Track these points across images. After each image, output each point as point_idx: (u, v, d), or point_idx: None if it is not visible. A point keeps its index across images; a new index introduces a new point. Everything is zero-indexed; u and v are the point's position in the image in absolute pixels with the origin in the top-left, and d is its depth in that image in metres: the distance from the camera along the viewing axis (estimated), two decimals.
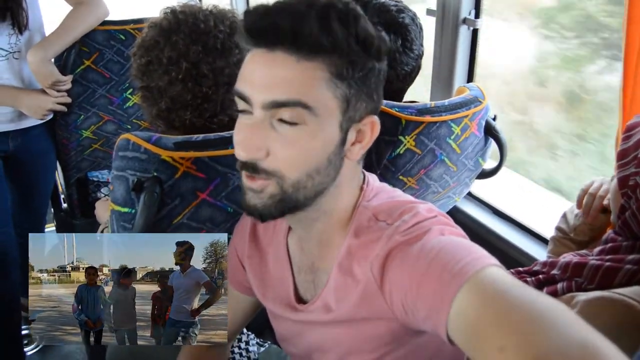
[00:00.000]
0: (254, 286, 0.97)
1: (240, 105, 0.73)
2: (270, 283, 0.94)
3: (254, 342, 1.29)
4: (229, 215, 1.02)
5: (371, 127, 0.77)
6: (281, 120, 0.70)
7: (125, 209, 0.95)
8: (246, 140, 0.71)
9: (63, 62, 1.71)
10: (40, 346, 2.14)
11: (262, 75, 0.70)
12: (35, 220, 2.05)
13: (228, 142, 0.95)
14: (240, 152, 0.72)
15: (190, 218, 0.98)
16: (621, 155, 0.97)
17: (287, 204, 0.74)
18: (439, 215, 0.77)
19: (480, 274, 0.62)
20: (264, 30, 0.69)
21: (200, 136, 0.95)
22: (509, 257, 1.60)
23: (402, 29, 1.24)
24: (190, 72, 1.03)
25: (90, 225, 1.74)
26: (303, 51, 0.69)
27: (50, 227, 2.43)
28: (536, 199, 1.92)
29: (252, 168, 0.72)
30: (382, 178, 1.19)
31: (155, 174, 0.92)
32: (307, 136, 0.71)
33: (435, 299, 0.64)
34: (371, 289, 0.76)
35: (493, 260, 0.65)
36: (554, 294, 0.98)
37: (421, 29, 1.29)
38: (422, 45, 1.29)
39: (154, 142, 0.92)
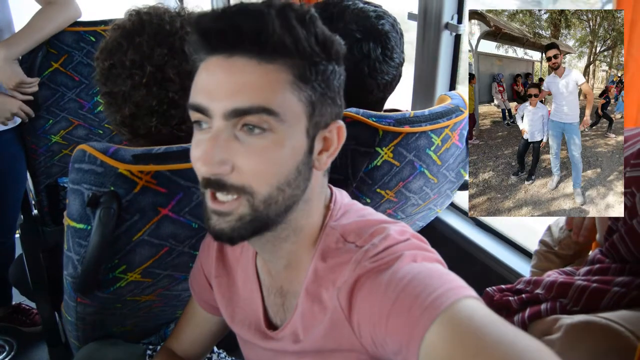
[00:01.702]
0: (222, 307, 0.92)
1: (195, 117, 0.67)
2: (239, 304, 0.88)
3: None
4: (194, 231, 0.96)
5: (338, 133, 0.73)
6: (245, 130, 0.65)
7: (81, 225, 0.89)
8: (207, 154, 0.65)
9: (29, 64, 1.64)
10: (10, 356, 2.08)
11: (220, 83, 0.65)
12: (6, 227, 1.99)
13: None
14: (201, 167, 0.66)
15: (152, 234, 0.92)
16: None
17: (258, 223, 0.68)
18: (412, 238, 0.71)
19: (454, 307, 0.57)
20: (223, 32, 0.64)
21: (162, 148, 0.89)
22: (491, 270, 1.56)
23: (382, 36, 1.18)
24: (154, 75, 0.97)
25: (60, 232, 1.68)
26: (264, 53, 0.64)
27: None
28: None
29: (218, 185, 0.66)
30: (358, 191, 1.15)
31: (112, 188, 0.86)
32: (275, 145, 0.65)
33: (405, 333, 0.60)
34: (338, 319, 0.70)
35: (469, 291, 0.61)
36: (537, 314, 0.94)
37: (401, 35, 1.23)
38: (402, 52, 1.23)
39: (111, 155, 0.86)
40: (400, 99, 1.45)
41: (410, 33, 1.36)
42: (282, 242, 0.75)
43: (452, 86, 1.68)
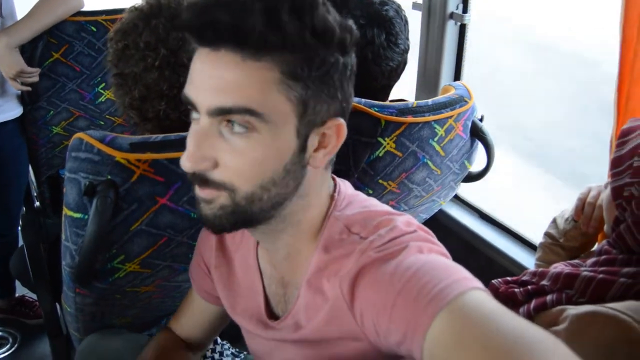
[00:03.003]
0: (223, 298, 0.91)
1: (192, 109, 0.66)
2: (240, 295, 0.87)
3: (229, 352, 1.23)
4: (192, 221, 0.95)
5: (337, 131, 0.69)
6: (229, 129, 0.63)
7: (78, 215, 0.88)
8: (189, 151, 0.64)
9: (30, 54, 1.62)
10: (14, 348, 2.08)
11: (206, 78, 0.63)
12: (9, 219, 1.98)
13: None
14: (185, 162, 0.64)
15: (150, 224, 0.91)
16: (615, 163, 0.91)
17: (240, 217, 0.67)
18: (418, 230, 0.70)
19: (462, 298, 0.56)
20: (203, 27, 0.61)
21: (160, 136, 0.88)
22: (495, 263, 1.54)
23: (386, 22, 1.16)
24: (167, 59, 0.95)
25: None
26: (248, 50, 0.61)
27: None
28: None
29: (201, 180, 0.65)
30: (360, 182, 1.13)
31: (109, 177, 0.85)
32: (259, 145, 0.63)
33: (410, 323, 0.58)
34: (340, 307, 0.69)
35: (476, 282, 0.59)
36: (543, 305, 0.93)
37: (406, 21, 1.22)
38: (407, 39, 1.22)
39: (108, 143, 0.85)
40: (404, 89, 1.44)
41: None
42: (280, 234, 0.74)
43: (457, 76, 1.66)
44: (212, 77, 0.62)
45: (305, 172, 0.69)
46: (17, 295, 2.20)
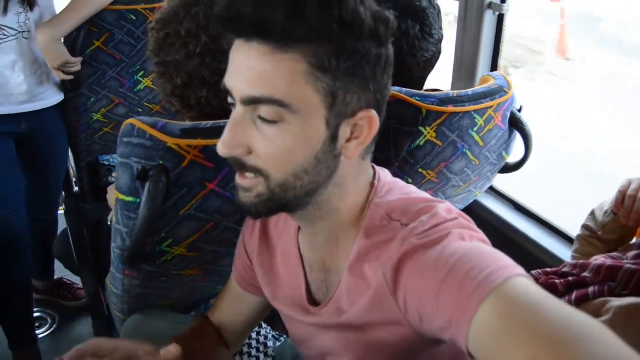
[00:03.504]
0: (264, 285, 0.93)
1: (230, 97, 0.69)
2: (281, 282, 0.89)
3: (270, 335, 1.25)
4: None
5: (369, 122, 0.69)
6: (261, 118, 0.65)
7: (130, 198, 0.90)
8: (224, 138, 0.67)
9: (72, 43, 1.66)
10: (52, 329, 2.14)
11: (240, 68, 0.66)
12: (49, 203, 2.04)
13: None
14: (220, 147, 0.68)
15: (198, 209, 0.93)
16: None
17: (276, 204, 0.70)
18: (459, 218, 0.70)
19: (508, 284, 0.57)
20: (231, 20, 0.64)
21: (209, 123, 0.90)
22: (531, 254, 1.54)
23: (419, 13, 1.16)
24: (209, 46, 0.97)
25: (102, 209, 1.71)
26: (274, 42, 0.62)
27: (62, 210, 2.42)
28: None
29: (238, 164, 0.68)
30: (400, 171, 1.14)
31: (160, 162, 0.87)
32: (288, 135, 0.65)
33: (456, 309, 0.59)
34: (383, 294, 0.70)
35: (521, 270, 0.60)
36: (585, 297, 0.93)
37: (439, 11, 1.21)
38: (441, 28, 1.21)
39: (160, 129, 0.87)
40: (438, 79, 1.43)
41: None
42: (318, 220, 0.76)
43: (494, 67, 1.65)
44: (245, 68, 0.65)
45: (338, 162, 0.70)
46: (55, 277, 2.27)
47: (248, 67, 0.64)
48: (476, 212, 1.70)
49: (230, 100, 0.69)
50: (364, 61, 0.65)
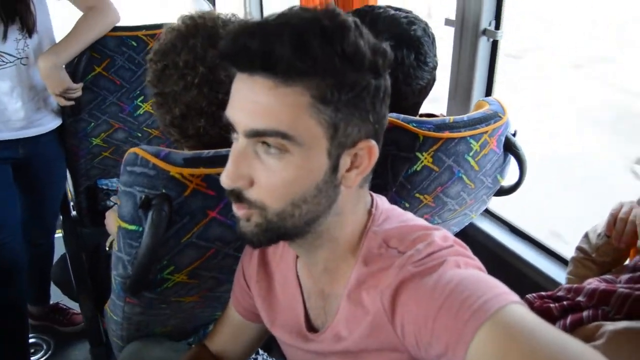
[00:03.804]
0: (262, 312, 0.94)
1: (232, 129, 0.71)
2: (280, 309, 0.90)
3: None
4: None
5: (368, 152, 0.70)
6: (264, 149, 0.67)
7: (133, 227, 0.91)
8: (228, 170, 0.69)
9: (73, 69, 1.69)
10: (48, 355, 2.13)
11: (243, 101, 0.67)
12: (45, 228, 2.04)
13: None
14: (224, 179, 0.69)
15: (199, 237, 0.95)
16: None
17: (275, 233, 0.71)
18: (455, 245, 0.72)
19: (504, 312, 0.58)
20: (236, 55, 0.65)
21: (211, 152, 0.92)
22: (526, 277, 1.55)
23: (414, 42, 1.18)
24: (206, 77, 0.99)
25: (99, 234, 1.72)
26: (279, 76, 0.64)
27: (59, 234, 2.42)
28: None
29: (236, 197, 0.70)
30: (398, 196, 1.16)
31: (163, 190, 0.89)
32: (291, 166, 0.67)
33: (452, 336, 0.60)
34: (381, 321, 0.71)
35: (515, 297, 0.61)
36: (579, 321, 0.94)
37: (434, 39, 1.24)
38: (435, 56, 1.24)
39: (163, 158, 0.89)
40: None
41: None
42: (317, 249, 0.77)
43: (489, 92, 1.68)
44: (248, 101, 0.66)
45: (338, 191, 0.72)
46: (51, 302, 2.26)
47: (252, 101, 0.66)
48: (472, 234, 1.72)
49: (234, 134, 0.70)
50: (364, 93, 0.67)
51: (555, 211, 3.03)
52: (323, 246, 0.76)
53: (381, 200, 0.81)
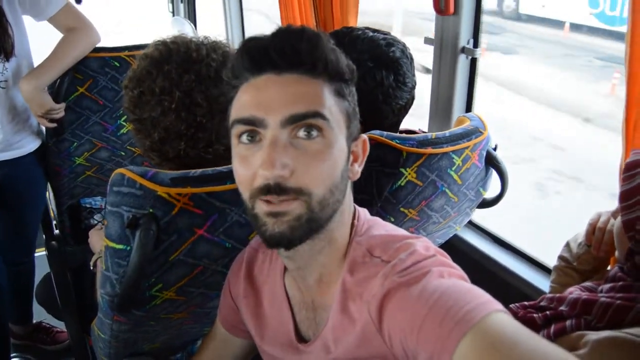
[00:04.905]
0: (250, 327, 0.94)
1: (243, 129, 0.72)
2: (268, 323, 0.91)
3: None
4: (227, 250, 0.99)
5: (363, 147, 0.80)
6: (299, 136, 0.70)
7: (120, 246, 0.92)
8: (270, 158, 0.68)
9: (56, 90, 1.69)
10: None
11: (276, 94, 0.70)
12: (25, 247, 2.03)
13: (226, 177, 0.92)
14: (265, 172, 0.68)
15: (187, 254, 0.95)
16: (625, 197, 0.94)
17: (314, 224, 0.72)
18: (437, 254, 0.74)
19: (487, 320, 0.60)
20: (282, 50, 0.71)
21: (198, 171, 0.93)
22: (510, 286, 1.57)
23: (393, 63, 1.21)
24: (183, 101, 1.01)
25: (83, 252, 1.71)
26: (313, 71, 0.71)
27: (41, 252, 2.39)
28: None
29: (279, 189, 0.69)
30: (383, 210, 1.18)
31: (151, 210, 0.89)
32: (327, 147, 0.71)
33: (437, 345, 0.61)
34: (369, 330, 0.73)
35: (498, 305, 0.63)
36: (563, 330, 0.96)
37: (412, 59, 1.27)
38: (414, 76, 1.27)
39: (150, 178, 0.89)
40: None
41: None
42: (317, 254, 0.77)
43: (469, 108, 1.71)
44: (283, 93, 0.70)
45: (346, 184, 0.76)
46: (34, 321, 2.23)
47: (286, 92, 0.70)
48: (456, 246, 1.74)
49: (253, 130, 0.71)
50: (355, 95, 0.79)
51: None
52: (323, 250, 0.77)
53: (363, 212, 0.84)
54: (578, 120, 5.52)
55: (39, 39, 1.92)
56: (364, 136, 0.80)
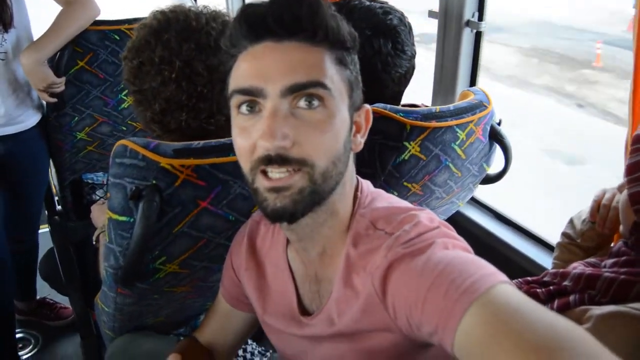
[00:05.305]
0: (253, 300, 0.94)
1: (242, 100, 0.70)
2: (271, 296, 0.91)
3: (256, 351, 1.26)
4: (230, 223, 0.99)
5: (366, 117, 0.79)
6: (300, 106, 0.69)
7: (123, 218, 0.91)
8: (270, 128, 0.67)
9: (56, 63, 1.67)
10: (36, 350, 2.12)
11: (275, 63, 0.69)
12: (28, 223, 2.03)
13: (228, 149, 0.92)
14: (266, 142, 0.67)
15: (191, 227, 0.95)
16: (631, 170, 0.93)
17: (316, 197, 0.71)
18: (441, 226, 0.74)
19: (492, 291, 0.59)
20: (281, 17, 0.69)
21: (201, 143, 0.92)
22: (513, 262, 1.58)
23: (390, 31, 1.21)
24: (183, 70, 0.99)
25: (85, 227, 1.71)
26: (314, 38, 0.70)
27: (44, 229, 2.39)
28: None
29: (281, 159, 0.68)
30: (386, 184, 1.17)
31: (154, 181, 0.89)
32: (329, 118, 0.70)
33: (442, 316, 0.61)
34: (373, 302, 0.73)
35: (503, 277, 0.62)
36: (566, 305, 0.96)
37: (410, 28, 1.26)
38: (413, 45, 1.26)
39: (153, 149, 0.89)
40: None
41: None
42: (320, 227, 0.77)
43: (473, 82, 1.70)
44: (283, 61, 0.69)
45: (349, 156, 0.75)
46: (38, 297, 2.24)
47: (286, 61, 0.68)
48: (459, 222, 1.74)
49: (252, 100, 0.70)
50: (357, 63, 0.77)
51: None
52: (326, 222, 0.77)
53: (366, 184, 0.83)
54: None
55: (38, 13, 1.89)
56: (367, 106, 0.79)
